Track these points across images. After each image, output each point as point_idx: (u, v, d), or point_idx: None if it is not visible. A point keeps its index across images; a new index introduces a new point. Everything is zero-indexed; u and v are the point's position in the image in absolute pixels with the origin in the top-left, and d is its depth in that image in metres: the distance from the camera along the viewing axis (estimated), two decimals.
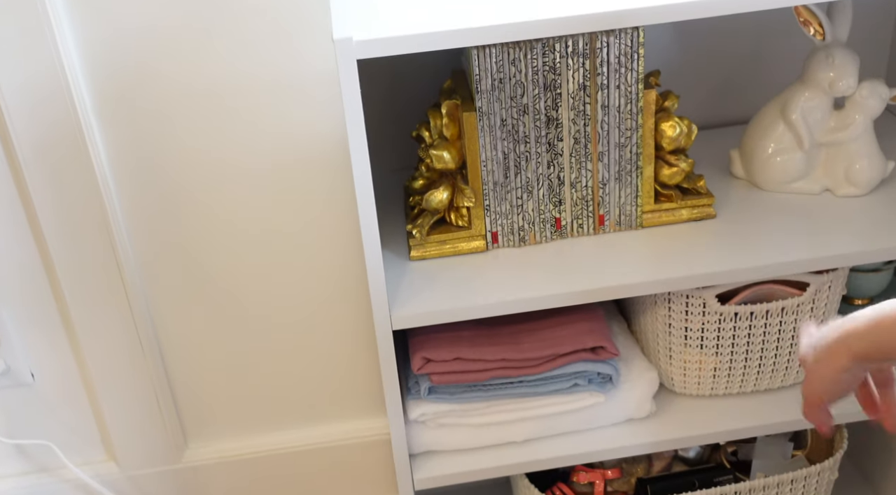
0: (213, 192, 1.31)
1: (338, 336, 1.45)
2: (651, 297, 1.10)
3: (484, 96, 0.98)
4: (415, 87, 1.20)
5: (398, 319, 0.98)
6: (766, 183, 1.12)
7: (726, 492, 1.18)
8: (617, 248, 1.05)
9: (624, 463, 1.27)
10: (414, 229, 1.06)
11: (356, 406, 1.53)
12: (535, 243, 1.08)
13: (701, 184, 1.09)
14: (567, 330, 1.06)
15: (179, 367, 1.45)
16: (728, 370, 1.12)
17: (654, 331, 1.12)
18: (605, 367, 1.06)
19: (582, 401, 1.08)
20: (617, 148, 1.03)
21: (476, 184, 1.03)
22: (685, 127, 1.04)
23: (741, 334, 1.09)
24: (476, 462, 1.10)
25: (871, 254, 1.01)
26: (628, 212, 1.07)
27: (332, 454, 1.54)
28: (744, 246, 1.03)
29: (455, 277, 1.03)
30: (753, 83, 1.26)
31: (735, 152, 1.17)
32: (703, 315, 1.07)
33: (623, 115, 1.01)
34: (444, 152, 1.02)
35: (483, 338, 1.06)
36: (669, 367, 1.13)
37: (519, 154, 1.02)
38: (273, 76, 1.22)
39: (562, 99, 0.99)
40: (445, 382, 1.04)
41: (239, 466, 1.53)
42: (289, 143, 1.27)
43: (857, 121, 1.07)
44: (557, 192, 1.05)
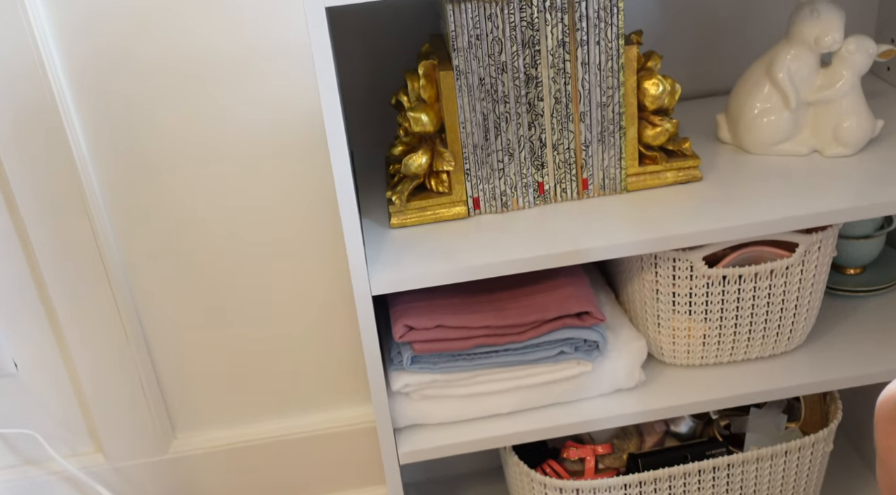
0: (194, 173, 1.29)
1: (323, 322, 1.43)
2: (638, 263, 1.07)
3: (461, 54, 0.96)
4: (394, 59, 1.19)
5: (377, 284, 0.95)
6: (753, 145, 1.10)
7: (719, 465, 1.16)
8: (602, 212, 1.03)
9: (615, 439, 1.24)
10: (393, 196, 1.04)
11: (343, 394, 1.51)
12: (517, 209, 1.05)
13: (686, 146, 1.06)
14: (552, 296, 1.04)
15: (165, 357, 1.43)
16: (718, 337, 1.09)
17: (641, 299, 1.10)
18: (592, 334, 1.04)
19: (569, 370, 1.06)
20: (599, 107, 1.01)
21: (455, 148, 1.01)
22: (668, 85, 1.02)
23: (730, 299, 1.06)
24: (462, 434, 1.07)
25: (860, 211, 0.99)
26: (612, 175, 1.05)
27: (319, 443, 1.52)
28: (731, 207, 1.01)
29: (436, 243, 1.01)
30: (739, 51, 1.24)
31: (721, 116, 1.15)
32: (691, 279, 1.05)
33: (604, 73, 0.99)
34: (422, 114, 1.00)
35: (466, 305, 1.03)
36: (658, 336, 1.11)
37: (498, 115, 1.00)
38: (249, 53, 1.21)
39: (541, 56, 0.97)
40: (428, 351, 1.02)
41: (226, 456, 1.51)
42: (268, 121, 1.25)
43: (844, 77, 1.05)
44: (539, 155, 1.03)
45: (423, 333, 1.01)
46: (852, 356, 1.12)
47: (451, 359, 1.03)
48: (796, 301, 1.08)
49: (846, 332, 1.17)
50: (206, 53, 1.20)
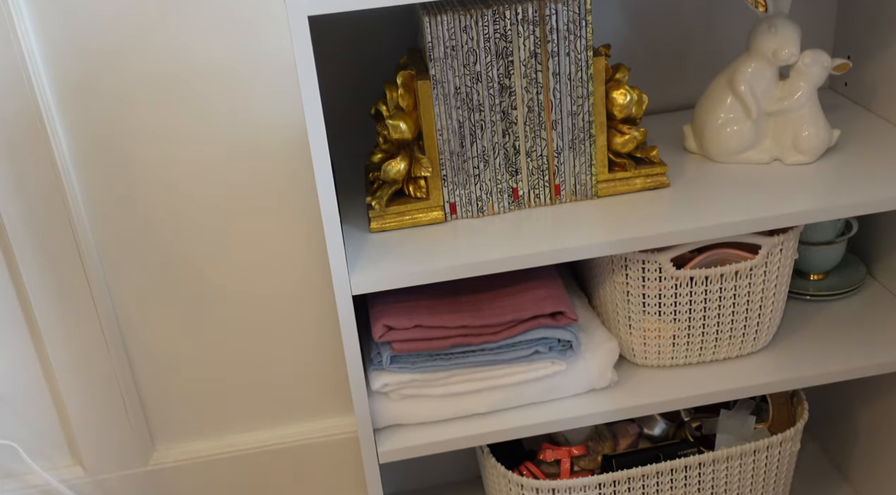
0: (177, 185, 1.32)
1: (305, 332, 1.46)
2: (609, 265, 1.12)
3: (437, 64, 1.01)
4: (374, 71, 1.23)
5: (357, 284, 0.99)
6: (718, 154, 1.15)
7: (690, 464, 1.19)
8: (574, 217, 1.07)
9: (590, 442, 1.27)
10: (373, 201, 1.07)
11: (323, 404, 1.53)
12: (493, 213, 1.09)
13: (654, 153, 1.11)
14: (526, 296, 1.08)
15: (146, 368, 1.45)
16: (687, 337, 1.13)
17: (613, 301, 1.14)
18: (565, 333, 1.07)
19: (543, 370, 1.09)
20: (570, 116, 1.06)
21: (433, 154, 1.05)
22: (636, 95, 1.07)
23: (697, 300, 1.10)
24: (440, 434, 1.10)
25: (818, 213, 1.04)
26: (583, 181, 1.10)
27: (299, 453, 1.53)
28: (697, 210, 1.06)
29: (414, 246, 1.04)
30: (703, 66, 1.29)
31: (687, 127, 1.20)
32: (660, 281, 1.09)
33: (574, 83, 1.04)
34: (401, 122, 1.04)
35: (443, 306, 1.07)
36: (630, 337, 1.15)
37: (474, 122, 1.04)
38: (234, 62, 1.24)
39: (514, 66, 1.02)
40: (407, 350, 1.05)
41: (207, 467, 1.52)
42: (253, 130, 1.29)
43: (802, 89, 1.10)
44: (513, 162, 1.07)
45: (402, 333, 1.04)
46: (816, 356, 1.17)
47: (429, 358, 1.06)
48: (761, 302, 1.12)
49: (810, 334, 1.21)
50: (190, 65, 1.24)
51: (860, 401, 1.37)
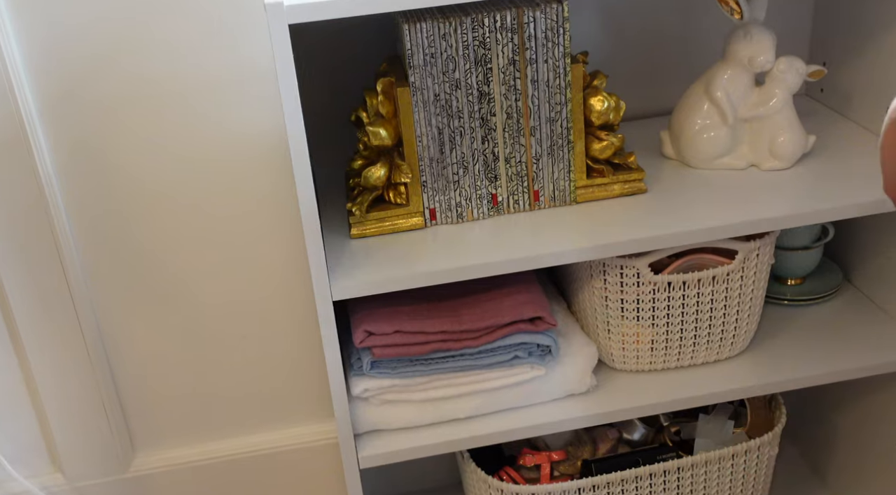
0: (158, 192, 1.32)
1: (287, 338, 1.46)
2: (587, 271, 1.12)
3: (417, 71, 1.01)
4: (355, 79, 1.23)
5: (338, 289, 0.99)
6: (695, 160, 1.16)
7: (669, 468, 1.20)
8: (552, 222, 1.08)
9: (570, 447, 1.28)
10: (353, 207, 1.08)
11: (305, 410, 1.53)
12: (472, 219, 1.10)
13: (631, 159, 1.12)
14: (505, 302, 1.08)
15: (127, 374, 1.44)
16: (665, 342, 1.14)
17: (591, 307, 1.15)
18: (544, 338, 1.08)
19: (523, 374, 1.10)
20: (548, 122, 1.07)
21: (412, 161, 1.06)
22: (613, 102, 1.08)
23: (675, 305, 1.11)
24: (420, 439, 1.10)
25: (794, 219, 1.05)
26: (562, 187, 1.10)
27: (282, 459, 1.53)
28: (674, 216, 1.07)
29: (395, 251, 1.05)
30: (680, 72, 1.31)
31: (665, 133, 1.21)
32: (638, 286, 1.10)
33: (552, 90, 1.05)
34: (380, 129, 1.05)
35: (423, 311, 1.07)
36: (608, 342, 1.15)
37: (453, 129, 1.05)
38: (217, 68, 1.24)
39: (492, 73, 1.03)
40: (387, 356, 1.05)
41: (188, 474, 1.52)
42: (233, 138, 1.29)
43: (777, 95, 1.12)
44: (493, 168, 1.08)
45: (383, 338, 1.05)
46: (793, 360, 1.18)
47: (409, 363, 1.07)
48: (738, 306, 1.13)
49: (788, 339, 1.22)
50: (172, 72, 1.24)
51: (838, 405, 1.38)
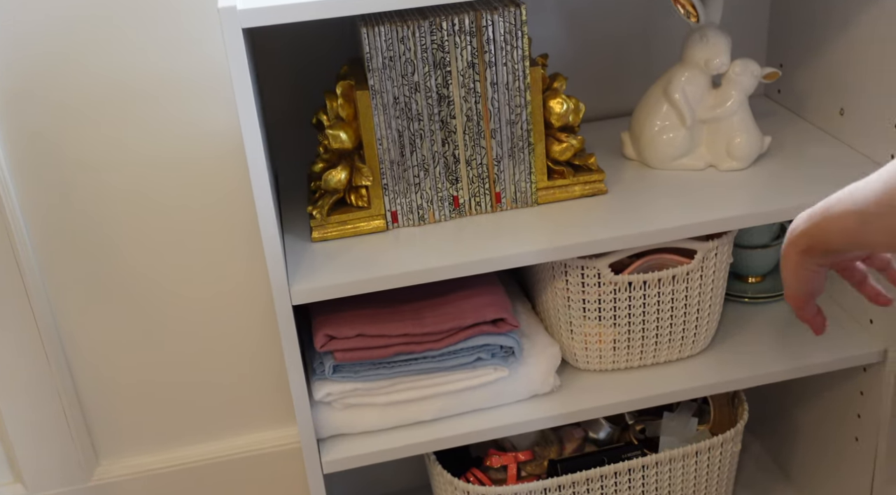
0: (115, 195, 1.30)
1: (250, 343, 1.45)
2: (549, 272, 1.13)
3: (376, 74, 1.01)
4: (316, 82, 1.23)
5: (298, 294, 0.99)
6: (655, 160, 1.17)
7: (634, 467, 1.21)
8: (514, 224, 1.08)
9: (536, 447, 1.28)
10: (314, 210, 1.07)
11: (271, 415, 1.52)
12: (434, 222, 1.10)
13: (592, 161, 1.13)
14: (468, 304, 1.08)
15: (88, 381, 1.43)
16: (627, 341, 1.15)
17: (554, 307, 1.15)
18: (507, 340, 1.08)
19: (486, 376, 1.10)
20: (508, 125, 1.07)
21: (373, 164, 1.06)
22: (572, 104, 1.09)
23: (636, 304, 1.12)
24: (384, 442, 1.10)
25: (751, 218, 1.06)
26: (523, 189, 1.11)
27: (247, 465, 1.52)
28: (634, 216, 1.07)
29: (356, 254, 1.04)
30: (639, 75, 1.32)
31: (625, 134, 1.22)
32: (599, 286, 1.10)
33: (512, 92, 1.05)
34: (341, 132, 1.04)
35: (385, 314, 1.07)
36: (571, 343, 1.16)
37: (413, 132, 1.05)
38: (178, 69, 1.24)
39: (452, 76, 1.03)
40: (349, 359, 1.05)
41: (153, 481, 1.50)
42: (196, 137, 1.28)
43: (733, 97, 1.13)
44: (453, 170, 1.08)
45: (344, 342, 1.04)
46: (755, 357, 1.19)
47: (372, 367, 1.07)
48: (698, 305, 1.14)
49: (749, 336, 1.24)
50: (133, 72, 1.23)
51: (800, 401, 1.40)
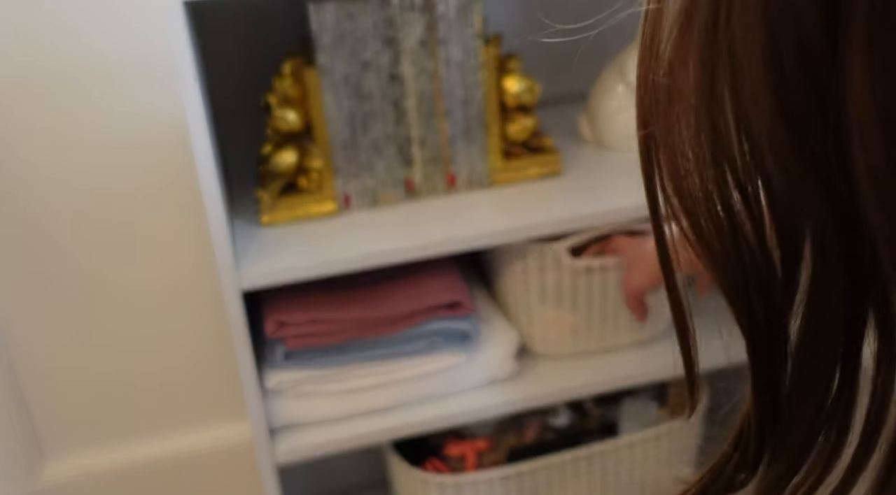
0: (55, 185, 1.26)
1: (200, 334, 1.41)
2: (507, 255, 1.11)
3: (325, 53, 0.99)
4: (267, 62, 1.19)
5: (247, 278, 0.96)
6: (611, 141, 1.16)
7: (594, 452, 1.19)
8: (469, 206, 1.06)
9: (495, 434, 1.26)
10: (264, 193, 1.04)
11: (224, 409, 1.48)
12: (387, 205, 1.08)
13: (547, 142, 1.11)
14: (422, 287, 1.06)
15: (31, 377, 1.38)
16: (586, 325, 1.14)
17: (512, 291, 1.13)
18: (463, 324, 1.06)
19: (442, 362, 1.08)
20: (462, 105, 1.05)
21: (324, 145, 1.03)
22: (527, 84, 1.07)
23: (595, 288, 1.11)
24: (340, 432, 1.07)
25: None
26: (478, 170, 1.09)
27: (201, 461, 1.48)
28: (590, 197, 1.06)
29: (307, 238, 1.02)
30: (596, 56, 1.30)
31: (582, 116, 1.20)
32: (558, 269, 1.09)
33: (465, 72, 1.03)
34: (289, 113, 1.02)
35: (338, 299, 1.05)
36: (530, 328, 1.14)
37: (365, 112, 1.02)
38: (120, 54, 1.20)
39: (403, 54, 1.01)
40: (301, 346, 1.02)
41: (104, 481, 1.46)
42: (138, 123, 1.24)
43: None
44: (407, 152, 1.06)
45: (296, 328, 1.02)
46: (714, 340, 1.18)
47: (325, 353, 1.04)
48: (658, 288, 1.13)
49: (708, 319, 1.22)
50: (71, 58, 1.18)
51: None
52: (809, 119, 0.27)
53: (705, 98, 0.30)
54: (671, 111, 0.32)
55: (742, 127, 0.30)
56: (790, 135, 0.27)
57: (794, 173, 0.28)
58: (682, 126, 0.32)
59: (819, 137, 0.27)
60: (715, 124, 0.30)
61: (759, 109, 0.28)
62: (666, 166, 0.34)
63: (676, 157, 0.33)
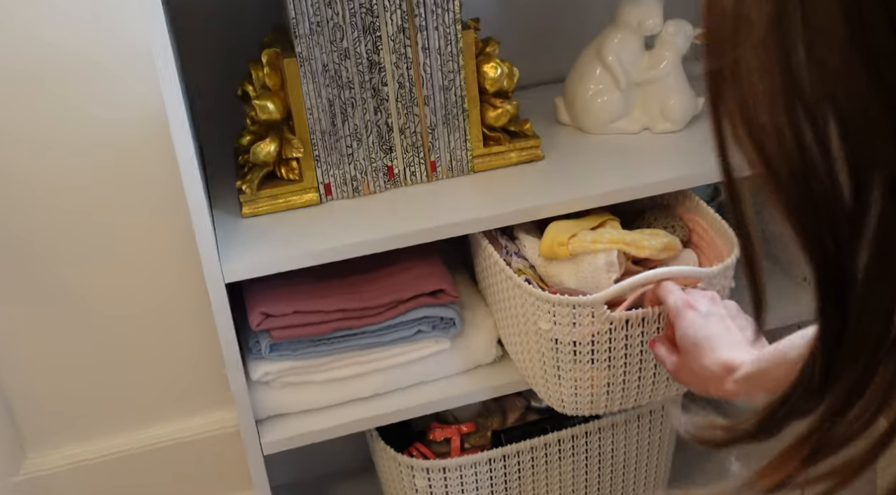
0: (33, 178, 1.24)
1: (180, 324, 1.40)
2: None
3: (303, 41, 0.97)
4: (242, 52, 1.18)
5: (230, 271, 0.95)
6: (590, 125, 1.16)
7: (577, 433, 1.21)
8: (450, 193, 1.06)
9: (478, 418, 1.27)
10: (244, 185, 1.03)
11: (205, 398, 1.48)
12: (369, 193, 1.07)
13: (527, 126, 1.11)
14: (406, 276, 1.06)
15: (11, 370, 1.37)
16: None
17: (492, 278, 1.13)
18: (447, 311, 1.06)
19: (427, 349, 1.08)
20: (441, 91, 1.05)
21: (303, 134, 1.02)
22: (506, 68, 1.07)
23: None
24: (326, 421, 1.07)
25: (689, 179, 1.06)
26: (459, 156, 1.09)
27: (183, 450, 1.48)
28: (571, 181, 1.06)
29: (289, 229, 1.01)
30: (573, 38, 1.30)
31: (559, 100, 1.20)
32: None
33: (444, 57, 1.03)
34: (268, 102, 1.01)
35: (322, 290, 1.04)
36: None
37: (344, 100, 1.02)
38: (91, 50, 1.18)
39: (382, 42, 1.00)
40: (286, 337, 1.02)
41: (86, 472, 1.45)
42: (112, 119, 1.22)
43: (667, 58, 1.12)
44: (387, 139, 1.05)
45: (281, 320, 1.01)
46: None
47: (310, 344, 1.04)
48: None
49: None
50: (44, 54, 1.16)
51: None
52: (884, 48, 0.27)
53: (776, 28, 0.30)
54: (740, 42, 0.32)
55: (813, 56, 0.29)
56: (863, 66, 0.27)
57: (867, 103, 0.28)
58: (751, 57, 0.32)
59: (893, 68, 0.27)
60: (786, 54, 0.30)
61: (830, 38, 0.28)
62: (734, 98, 0.33)
63: (745, 89, 0.32)
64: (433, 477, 1.17)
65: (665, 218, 1.09)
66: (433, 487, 1.17)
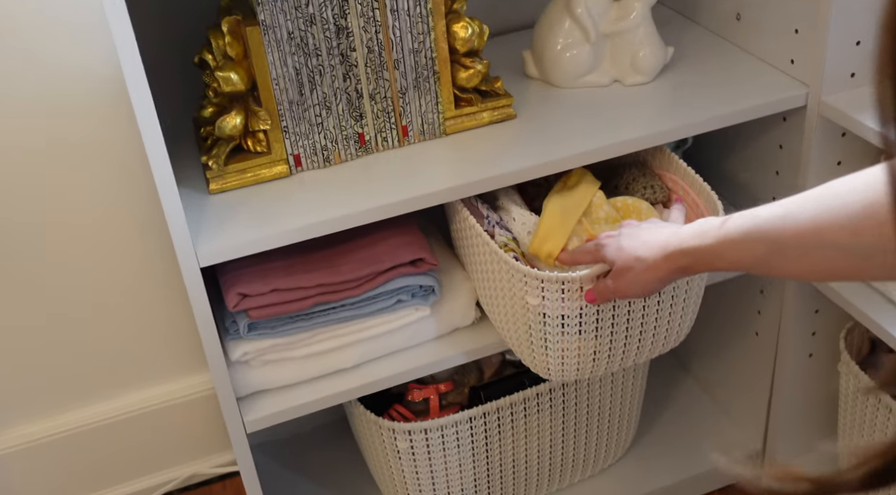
0: None
1: (145, 292, 1.36)
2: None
3: (266, 8, 0.92)
4: (191, 15, 1.11)
5: (205, 255, 0.91)
6: (559, 79, 1.14)
7: (555, 386, 1.22)
8: (424, 158, 1.03)
9: (455, 376, 1.27)
10: (210, 160, 0.99)
11: (176, 364, 1.45)
12: (340, 162, 1.04)
13: (498, 85, 1.08)
14: (383, 246, 1.04)
15: None
16: None
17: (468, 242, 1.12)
18: (427, 279, 1.05)
19: (407, 317, 1.07)
20: (412, 54, 1.01)
21: (270, 105, 0.98)
22: (477, 27, 1.03)
23: None
24: (307, 394, 1.06)
25: (665, 135, 1.05)
26: (431, 120, 1.05)
27: (155, 418, 1.45)
28: (546, 142, 1.04)
29: (260, 205, 0.97)
30: None
31: (527, 53, 1.17)
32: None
33: (413, 19, 0.98)
34: (231, 73, 0.95)
35: (298, 266, 1.01)
36: None
37: (312, 68, 0.97)
38: (31, 23, 1.10)
39: (349, 5, 0.95)
40: (264, 316, 0.99)
41: (49, 449, 1.41)
42: (63, 84, 1.15)
43: (636, 9, 1.10)
44: (357, 106, 1.01)
45: (258, 299, 0.98)
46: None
47: (289, 321, 1.01)
48: None
49: None
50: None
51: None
52: None
53: None
54: None
55: None
56: None
57: None
58: None
59: None
60: None
61: None
62: None
63: None
64: (415, 439, 1.17)
65: (644, 177, 1.09)
66: (415, 448, 1.18)
